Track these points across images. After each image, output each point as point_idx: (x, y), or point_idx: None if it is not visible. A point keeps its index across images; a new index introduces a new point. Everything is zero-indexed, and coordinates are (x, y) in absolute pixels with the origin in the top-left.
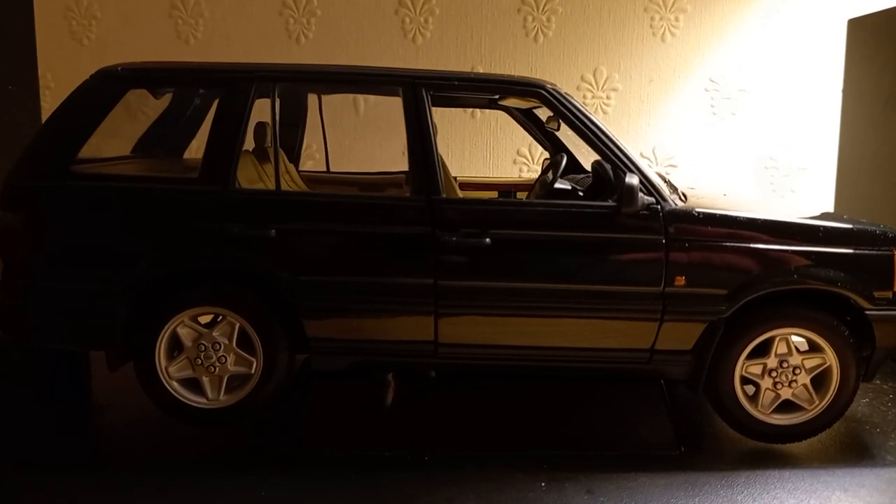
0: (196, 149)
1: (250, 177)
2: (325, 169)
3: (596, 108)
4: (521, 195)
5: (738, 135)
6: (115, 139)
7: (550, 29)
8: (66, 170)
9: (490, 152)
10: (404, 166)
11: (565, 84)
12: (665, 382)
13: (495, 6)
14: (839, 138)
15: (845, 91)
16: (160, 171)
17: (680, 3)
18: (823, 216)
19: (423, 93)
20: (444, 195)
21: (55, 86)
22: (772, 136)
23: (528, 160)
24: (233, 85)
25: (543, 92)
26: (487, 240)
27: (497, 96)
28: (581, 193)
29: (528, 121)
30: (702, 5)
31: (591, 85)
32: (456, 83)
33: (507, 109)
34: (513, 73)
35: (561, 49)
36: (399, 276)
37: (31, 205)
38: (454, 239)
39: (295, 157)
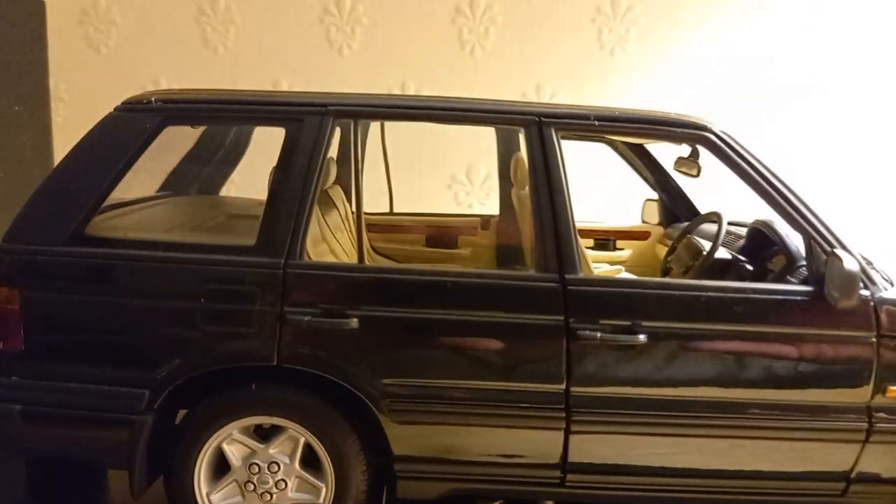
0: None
1: (313, 236)
2: (388, 210)
3: None
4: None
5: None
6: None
7: (488, 41)
8: (80, 233)
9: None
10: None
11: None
12: None
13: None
14: None
15: None
16: (200, 228)
17: (632, 15)
18: None
19: (552, 134)
20: (582, 273)
21: (69, 98)
22: None
23: (465, 184)
24: (303, 122)
25: (711, 136)
26: (642, 336)
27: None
28: (750, 268)
29: (633, 153)
30: (654, 15)
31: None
32: (596, 123)
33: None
34: (451, 89)
35: (499, 63)
36: (520, 379)
37: (33, 279)
38: (597, 334)
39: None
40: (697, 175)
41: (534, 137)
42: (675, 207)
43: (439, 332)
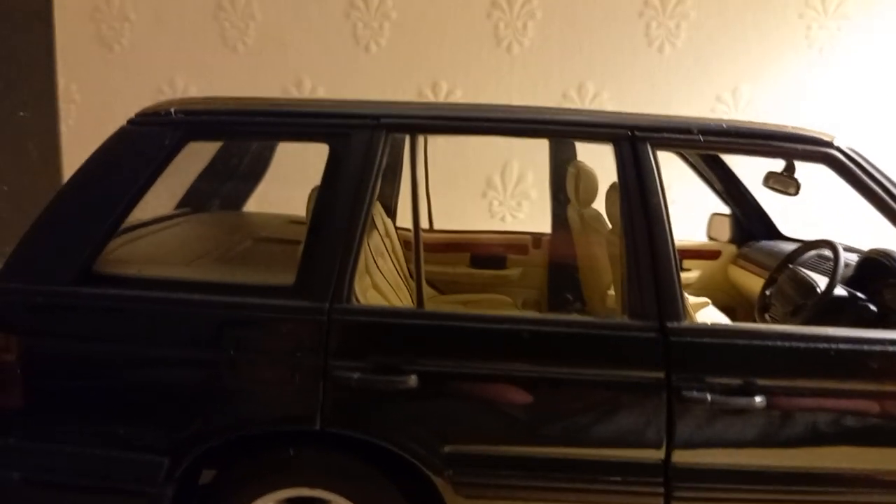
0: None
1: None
2: (428, 226)
3: None
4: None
5: None
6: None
7: (526, 37)
8: (88, 269)
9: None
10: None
11: (404, 99)
12: None
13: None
14: None
15: None
16: (226, 258)
17: (682, 8)
18: None
19: (648, 151)
20: (687, 321)
21: (80, 99)
22: None
23: (498, 190)
24: (350, 137)
25: (836, 154)
26: (758, 398)
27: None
28: (874, 308)
29: (704, 163)
30: (707, 9)
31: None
32: (701, 138)
33: None
34: (486, 88)
35: (538, 61)
36: (611, 446)
37: (33, 324)
38: (706, 395)
39: (392, 212)
40: (796, 193)
41: (626, 155)
42: (751, 224)
43: (514, 390)
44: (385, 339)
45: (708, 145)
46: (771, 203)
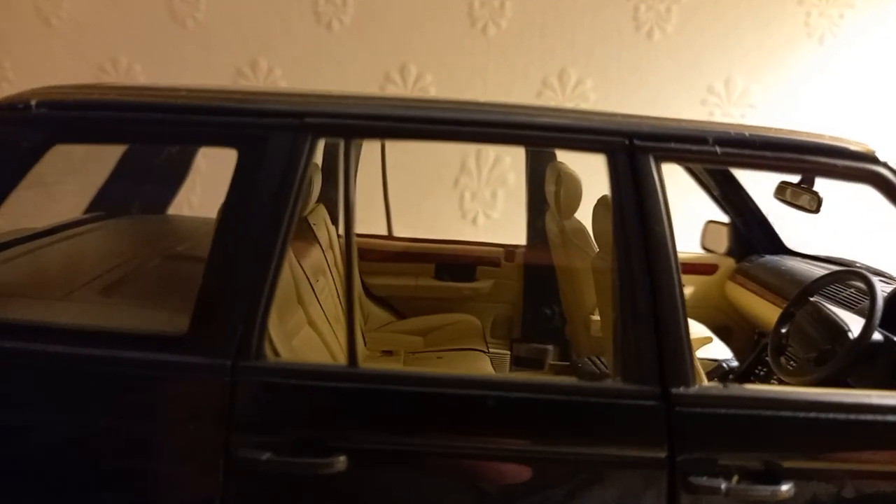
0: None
1: (281, 300)
2: (385, 233)
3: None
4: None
5: None
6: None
7: (504, 18)
8: None
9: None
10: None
11: (369, 83)
12: None
13: None
14: None
15: None
16: (119, 288)
17: None
18: None
19: (651, 165)
20: (697, 386)
21: (14, 77)
22: None
23: (472, 176)
24: (267, 142)
25: (885, 172)
26: (786, 486)
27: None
28: None
29: (709, 174)
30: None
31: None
32: (718, 150)
33: None
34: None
35: (517, 43)
36: None
37: None
38: (720, 484)
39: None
40: (817, 211)
41: (622, 170)
42: (752, 236)
43: (474, 473)
44: (306, 407)
45: (726, 159)
46: (773, 211)
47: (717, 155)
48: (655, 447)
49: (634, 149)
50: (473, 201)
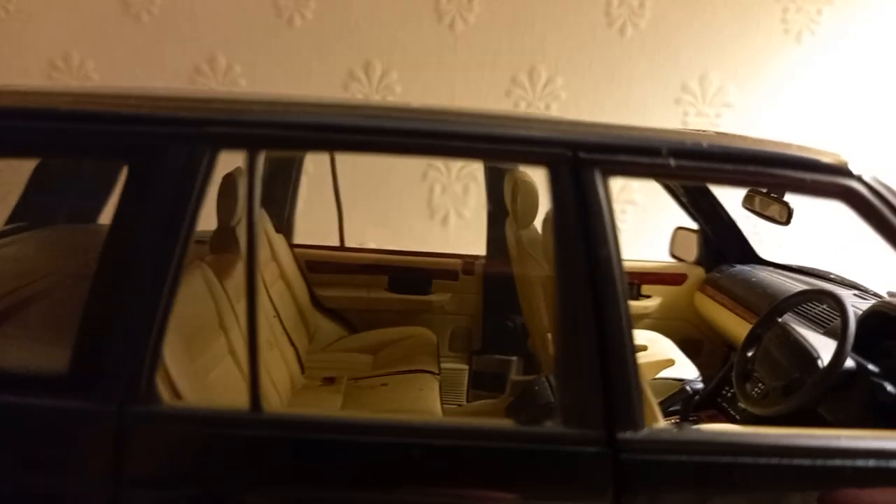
0: None
1: (202, 326)
2: (338, 243)
3: None
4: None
5: None
6: None
7: (472, 13)
8: None
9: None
10: None
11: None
12: None
13: None
14: None
15: None
16: (11, 315)
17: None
18: None
19: (596, 180)
20: (647, 429)
21: None
22: None
23: (441, 169)
24: (166, 154)
25: (859, 188)
26: None
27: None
28: (891, 389)
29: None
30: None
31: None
32: (672, 162)
33: None
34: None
35: (485, 40)
36: None
37: None
38: None
39: (286, 224)
40: (787, 222)
41: (564, 185)
42: (724, 245)
43: None
44: (204, 458)
45: (682, 172)
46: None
47: (672, 168)
48: (599, 499)
49: (579, 162)
50: (444, 195)
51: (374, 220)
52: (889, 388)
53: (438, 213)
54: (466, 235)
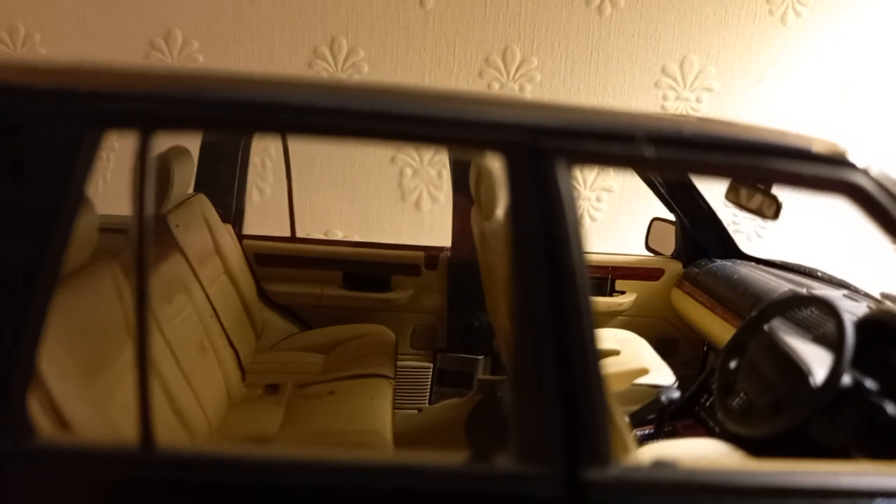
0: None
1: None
2: (288, 233)
3: None
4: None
5: None
6: None
7: None
8: None
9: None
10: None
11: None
12: None
13: None
14: None
15: None
16: None
17: None
18: None
19: (557, 172)
20: (616, 466)
21: None
22: None
23: (414, 161)
24: (46, 133)
25: (863, 184)
26: None
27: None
28: (890, 410)
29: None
30: None
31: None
32: (647, 152)
33: None
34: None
35: (457, 17)
36: None
37: None
38: None
39: (235, 212)
40: (775, 217)
41: (521, 176)
42: (703, 239)
43: None
44: (88, 499)
45: (660, 163)
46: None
47: (648, 158)
48: None
49: (538, 149)
50: (415, 178)
51: (343, 204)
52: (889, 408)
53: (411, 196)
54: (441, 220)
